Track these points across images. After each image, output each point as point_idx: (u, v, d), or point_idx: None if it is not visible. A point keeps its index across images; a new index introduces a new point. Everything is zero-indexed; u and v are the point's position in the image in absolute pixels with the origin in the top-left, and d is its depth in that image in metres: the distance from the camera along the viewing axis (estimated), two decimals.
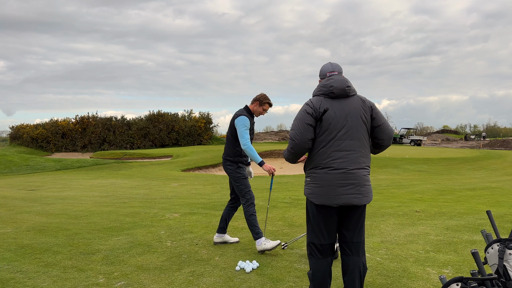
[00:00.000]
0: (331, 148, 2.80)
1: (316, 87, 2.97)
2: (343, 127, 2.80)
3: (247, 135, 4.40)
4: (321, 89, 2.89)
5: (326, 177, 2.81)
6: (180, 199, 8.72)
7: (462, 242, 4.77)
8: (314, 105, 2.82)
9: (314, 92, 2.95)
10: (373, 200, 8.28)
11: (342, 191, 2.79)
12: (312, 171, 2.88)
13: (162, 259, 4.25)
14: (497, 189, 10.38)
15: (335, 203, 2.80)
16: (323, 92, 2.88)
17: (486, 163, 20.95)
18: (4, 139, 62.68)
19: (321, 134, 2.81)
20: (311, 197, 2.88)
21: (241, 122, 4.41)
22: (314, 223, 2.92)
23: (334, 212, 2.85)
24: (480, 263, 2.33)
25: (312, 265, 2.94)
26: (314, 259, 2.93)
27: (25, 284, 3.56)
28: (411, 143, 48.66)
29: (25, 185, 13.24)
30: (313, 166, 2.87)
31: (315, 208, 2.88)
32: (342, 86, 2.84)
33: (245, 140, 4.35)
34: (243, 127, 4.39)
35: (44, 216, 6.73)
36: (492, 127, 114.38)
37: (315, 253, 2.91)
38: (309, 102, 2.88)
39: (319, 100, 2.84)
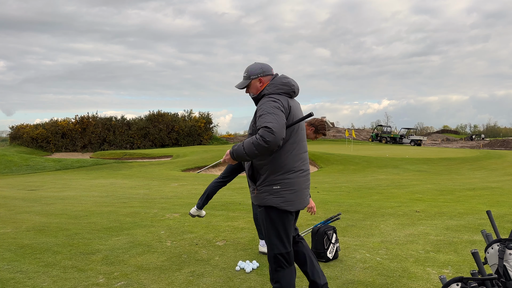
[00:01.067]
0: (300, 150, 2.78)
1: (268, 85, 2.81)
2: (300, 128, 2.82)
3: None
4: (282, 88, 2.78)
5: (298, 181, 2.76)
6: (180, 199, 8.71)
7: (462, 242, 4.77)
8: (283, 103, 2.70)
9: (271, 90, 2.77)
10: (373, 200, 8.29)
11: (306, 193, 2.86)
12: (284, 177, 2.71)
13: (162, 259, 4.25)
14: (497, 189, 10.38)
15: (304, 205, 2.86)
16: (284, 90, 2.78)
17: (486, 163, 20.95)
18: (4, 139, 62.65)
19: (291, 135, 2.74)
20: (284, 206, 2.73)
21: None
22: (282, 232, 2.78)
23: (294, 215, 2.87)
24: (480, 263, 2.33)
25: (282, 277, 2.79)
26: (284, 271, 2.79)
27: (25, 284, 3.56)
28: (411, 143, 48.67)
29: (25, 185, 13.24)
30: (285, 171, 2.71)
31: (285, 216, 2.77)
32: (298, 87, 2.88)
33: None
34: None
35: (44, 216, 6.73)
36: (492, 127, 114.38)
37: (284, 263, 2.78)
38: (276, 99, 2.70)
39: (284, 98, 2.74)
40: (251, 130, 2.83)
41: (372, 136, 55.06)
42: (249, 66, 2.89)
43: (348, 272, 3.81)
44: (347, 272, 3.80)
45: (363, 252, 4.41)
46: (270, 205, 2.73)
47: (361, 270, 3.86)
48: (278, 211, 2.75)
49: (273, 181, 2.71)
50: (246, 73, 2.88)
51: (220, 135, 60.10)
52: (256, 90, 2.87)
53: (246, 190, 10.66)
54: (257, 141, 2.52)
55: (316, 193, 9.79)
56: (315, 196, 8.92)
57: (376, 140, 53.42)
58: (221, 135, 62.03)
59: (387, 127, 58.15)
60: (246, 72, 2.89)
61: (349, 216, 6.45)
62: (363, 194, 9.44)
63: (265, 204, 2.74)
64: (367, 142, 52.92)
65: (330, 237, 4.15)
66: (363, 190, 10.37)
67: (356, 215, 6.50)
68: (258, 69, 2.85)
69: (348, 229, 5.51)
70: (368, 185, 11.93)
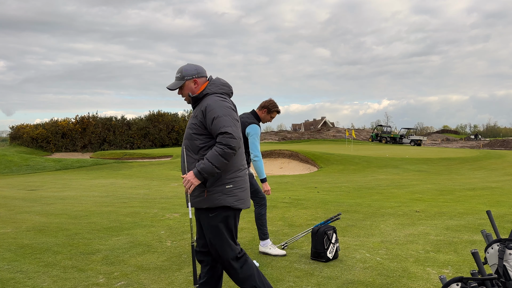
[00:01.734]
0: (242, 147, 2.79)
1: (209, 84, 2.77)
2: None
3: (259, 146, 4.26)
4: (223, 88, 2.80)
5: (245, 179, 2.78)
6: (180, 199, 8.71)
7: (462, 242, 4.77)
8: (230, 101, 2.76)
9: (214, 89, 2.75)
10: (373, 200, 8.29)
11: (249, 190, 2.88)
12: (235, 175, 2.70)
13: (162, 259, 4.25)
14: (497, 189, 10.39)
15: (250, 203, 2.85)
16: (225, 91, 2.80)
17: (486, 163, 20.94)
18: (4, 139, 62.69)
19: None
20: (238, 204, 2.70)
21: (254, 131, 4.26)
22: (234, 232, 2.75)
23: None
24: (480, 263, 2.33)
25: (248, 269, 2.72)
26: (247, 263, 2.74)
27: (25, 284, 3.56)
28: (411, 143, 48.66)
29: (25, 185, 13.24)
30: (236, 169, 2.71)
31: (237, 215, 2.75)
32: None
33: (258, 152, 4.22)
34: (256, 136, 4.25)
35: (44, 216, 6.73)
36: (492, 127, 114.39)
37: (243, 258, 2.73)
38: (223, 98, 2.73)
39: (228, 98, 2.78)
40: (193, 130, 2.70)
41: (372, 136, 55.06)
42: (183, 67, 2.80)
43: (348, 272, 3.81)
44: (347, 272, 3.80)
45: (363, 252, 4.41)
46: (224, 205, 2.66)
47: (361, 270, 3.86)
48: (231, 211, 2.70)
49: (226, 180, 2.67)
50: (179, 73, 2.79)
51: None
52: (190, 91, 2.79)
53: None
54: (223, 150, 2.53)
55: (316, 193, 9.79)
56: (315, 196, 8.92)
57: (376, 140, 53.41)
58: None
59: (387, 127, 58.14)
60: (179, 72, 2.79)
61: (349, 216, 6.45)
62: (363, 194, 9.44)
63: (219, 204, 2.65)
64: (367, 142, 52.92)
65: (330, 237, 4.15)
66: (363, 190, 10.37)
67: (356, 215, 6.50)
68: (192, 70, 2.78)
69: (348, 229, 5.51)
70: (368, 185, 11.93)
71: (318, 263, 4.06)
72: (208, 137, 2.67)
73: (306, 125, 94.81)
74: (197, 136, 2.68)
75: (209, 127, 2.63)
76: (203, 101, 2.71)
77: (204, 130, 2.67)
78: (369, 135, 59.57)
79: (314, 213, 6.74)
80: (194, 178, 2.56)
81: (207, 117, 2.63)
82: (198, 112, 2.71)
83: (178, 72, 2.81)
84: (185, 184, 2.57)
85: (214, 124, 2.59)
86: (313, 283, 3.53)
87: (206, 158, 2.55)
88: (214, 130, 2.60)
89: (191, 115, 2.82)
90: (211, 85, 2.77)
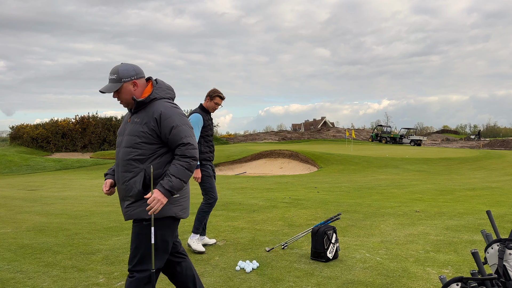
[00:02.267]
0: None
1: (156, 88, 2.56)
2: None
3: (197, 135, 4.46)
4: (170, 93, 2.63)
5: (189, 187, 2.67)
6: None
7: (462, 242, 4.77)
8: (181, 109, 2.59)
9: (162, 94, 2.56)
10: (373, 200, 8.29)
11: None
12: None
13: None
14: (497, 189, 10.39)
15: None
16: (171, 96, 2.64)
17: (486, 163, 20.94)
18: (4, 139, 62.71)
19: None
20: (182, 214, 2.58)
21: (195, 121, 4.49)
22: (170, 243, 2.59)
23: None
24: (480, 263, 2.33)
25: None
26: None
27: (25, 284, 3.56)
28: (411, 143, 48.66)
29: (25, 185, 13.25)
30: None
31: (177, 225, 2.61)
32: None
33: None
34: (196, 126, 4.48)
35: (44, 216, 6.73)
36: (492, 127, 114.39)
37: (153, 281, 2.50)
38: (175, 105, 2.57)
39: (177, 105, 2.60)
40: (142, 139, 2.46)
41: (372, 136, 55.06)
42: (119, 67, 2.51)
43: (348, 272, 3.81)
44: (347, 272, 3.80)
45: (363, 252, 4.41)
46: (169, 215, 2.51)
47: (361, 270, 3.86)
48: (173, 221, 2.57)
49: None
50: (115, 75, 2.50)
51: (220, 135, 60.12)
52: (129, 94, 2.51)
53: (246, 190, 10.67)
54: (189, 163, 2.44)
55: (316, 193, 9.79)
56: (315, 196, 8.92)
57: (376, 140, 53.40)
58: (221, 135, 62.05)
59: (387, 127, 58.12)
60: (115, 74, 2.50)
61: (349, 216, 6.45)
62: (363, 194, 9.44)
63: (164, 215, 2.48)
64: (367, 142, 52.91)
65: (330, 237, 4.15)
66: (363, 190, 10.37)
67: (356, 215, 6.50)
68: (131, 71, 2.51)
69: (348, 229, 5.51)
70: (368, 185, 11.93)
71: (318, 263, 4.06)
72: (160, 145, 2.49)
73: (306, 125, 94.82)
74: (147, 145, 2.47)
75: (165, 137, 2.46)
76: (151, 107, 2.50)
77: (156, 139, 2.48)
78: (369, 135, 59.58)
79: (314, 213, 6.75)
80: (163, 197, 2.38)
81: (163, 125, 2.45)
82: (147, 118, 2.47)
83: (113, 73, 2.51)
84: (154, 204, 2.36)
85: (174, 134, 2.44)
86: (313, 283, 3.53)
87: (171, 174, 2.40)
88: (174, 141, 2.45)
89: (131, 120, 2.55)
90: (157, 89, 2.57)
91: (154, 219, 2.46)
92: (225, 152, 27.76)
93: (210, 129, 4.61)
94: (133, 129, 2.51)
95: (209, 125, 4.61)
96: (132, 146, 2.49)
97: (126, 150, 2.52)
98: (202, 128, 4.52)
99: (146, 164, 2.47)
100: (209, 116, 4.66)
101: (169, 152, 2.53)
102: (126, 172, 2.50)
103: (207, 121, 4.56)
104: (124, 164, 2.52)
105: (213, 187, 4.62)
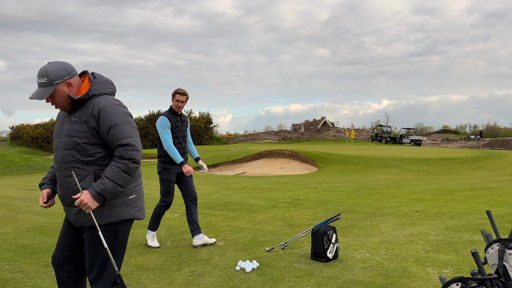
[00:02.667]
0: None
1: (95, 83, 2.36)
2: None
3: (168, 136, 4.48)
4: (110, 87, 2.44)
5: (142, 187, 2.53)
6: (180, 199, 8.71)
7: (462, 242, 4.77)
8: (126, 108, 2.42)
9: (102, 90, 2.37)
10: (373, 200, 8.29)
11: None
12: (136, 184, 2.44)
13: (162, 259, 4.25)
14: (497, 189, 10.39)
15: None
16: (111, 90, 2.45)
17: (486, 163, 20.94)
18: (4, 139, 62.71)
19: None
20: (139, 215, 2.46)
21: (159, 123, 4.51)
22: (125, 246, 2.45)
23: None
24: (480, 263, 2.33)
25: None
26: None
27: (25, 284, 3.57)
28: (411, 143, 48.66)
29: (25, 185, 13.25)
30: (137, 177, 2.45)
31: (131, 225, 2.47)
32: None
33: (166, 142, 4.48)
34: (161, 128, 4.49)
35: (44, 216, 6.73)
36: (492, 127, 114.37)
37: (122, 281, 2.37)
38: (118, 102, 2.37)
39: (123, 103, 2.43)
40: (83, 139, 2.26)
41: (372, 136, 55.07)
42: (48, 68, 2.23)
43: (348, 272, 3.81)
44: (347, 272, 3.80)
45: (363, 252, 4.41)
46: (127, 218, 2.38)
47: (361, 270, 3.86)
48: (130, 223, 2.43)
49: (129, 191, 2.38)
50: (45, 78, 2.22)
51: (220, 135, 60.17)
52: (64, 97, 2.27)
53: (246, 190, 10.68)
54: (127, 166, 2.24)
55: (316, 193, 9.79)
56: (315, 196, 8.92)
57: (376, 140, 53.42)
58: (221, 135, 62.09)
59: (387, 127, 58.13)
60: (44, 77, 2.22)
61: (349, 216, 6.45)
62: (363, 194, 9.44)
63: (122, 218, 2.35)
64: (367, 142, 52.92)
65: (330, 237, 4.15)
66: (363, 190, 10.37)
67: (356, 215, 6.50)
68: (62, 71, 2.26)
69: (348, 229, 5.51)
70: (368, 185, 11.93)
71: (318, 263, 4.06)
72: (103, 145, 2.31)
73: (306, 125, 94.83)
74: (89, 146, 2.27)
75: (104, 136, 2.27)
76: (90, 104, 2.29)
77: (98, 139, 2.29)
78: (369, 135, 59.59)
79: (314, 213, 6.75)
80: (93, 201, 2.18)
81: (102, 124, 2.25)
82: (85, 116, 2.27)
83: (42, 76, 2.23)
84: (81, 206, 2.18)
85: (112, 134, 2.25)
86: (313, 283, 3.53)
87: (106, 176, 2.21)
88: (112, 141, 2.26)
89: (69, 120, 2.33)
90: (96, 84, 2.35)
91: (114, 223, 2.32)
92: (225, 152, 27.77)
93: (179, 131, 4.61)
94: (72, 129, 2.29)
95: (178, 126, 4.60)
96: (74, 148, 2.27)
97: (67, 153, 2.29)
98: (170, 130, 4.53)
99: (94, 166, 2.29)
100: (179, 117, 4.65)
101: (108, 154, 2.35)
102: (70, 177, 2.29)
103: (174, 122, 4.56)
104: (66, 168, 2.30)
105: (169, 192, 4.66)
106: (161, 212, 4.74)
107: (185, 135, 4.74)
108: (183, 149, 4.68)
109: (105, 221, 2.30)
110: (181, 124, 4.65)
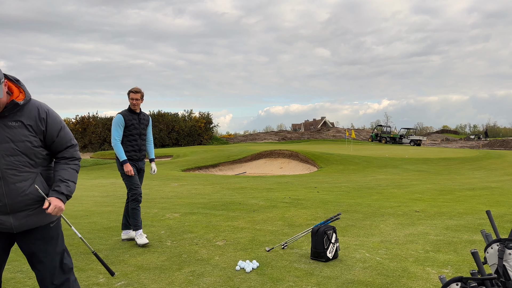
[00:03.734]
0: None
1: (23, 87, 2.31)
2: None
3: (116, 134, 4.72)
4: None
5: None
6: (180, 199, 8.72)
7: (462, 242, 4.78)
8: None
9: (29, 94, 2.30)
10: (373, 200, 8.29)
11: None
12: None
13: (162, 259, 4.25)
14: (497, 189, 10.39)
15: None
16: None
17: (486, 163, 20.95)
18: None
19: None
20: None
21: (113, 121, 4.78)
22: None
23: None
24: (479, 263, 2.34)
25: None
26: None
27: (25, 284, 3.57)
28: (411, 143, 48.65)
29: None
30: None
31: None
32: None
33: (113, 139, 4.75)
34: (114, 125, 4.75)
35: None
36: (492, 127, 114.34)
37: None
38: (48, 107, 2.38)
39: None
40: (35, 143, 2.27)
41: (372, 136, 55.06)
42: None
43: (348, 271, 3.82)
44: (347, 272, 3.80)
45: (363, 252, 4.41)
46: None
47: (361, 270, 3.86)
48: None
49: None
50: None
51: (220, 135, 60.15)
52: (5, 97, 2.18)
53: (246, 190, 10.67)
54: (79, 165, 2.45)
55: (316, 193, 9.79)
56: (315, 196, 8.92)
57: (376, 140, 53.41)
58: (221, 135, 62.08)
59: (387, 127, 58.13)
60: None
61: (349, 216, 6.45)
62: (363, 194, 9.44)
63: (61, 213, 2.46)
64: (367, 142, 52.91)
65: (330, 236, 4.16)
66: (363, 190, 10.37)
67: (356, 215, 6.50)
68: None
69: (348, 229, 5.51)
70: (368, 185, 11.93)
71: (318, 263, 4.07)
72: (46, 147, 2.38)
73: (306, 125, 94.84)
74: (39, 149, 2.31)
75: (52, 139, 2.34)
76: (29, 107, 2.27)
77: (42, 142, 2.33)
78: (369, 135, 59.60)
79: (314, 213, 6.75)
80: (63, 204, 2.33)
81: (51, 127, 2.31)
82: (30, 120, 2.25)
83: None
84: (56, 212, 2.29)
85: (61, 136, 2.36)
86: (313, 283, 3.54)
87: (66, 179, 2.35)
88: (61, 143, 2.37)
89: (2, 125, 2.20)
90: (24, 87, 2.32)
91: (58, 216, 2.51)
92: (225, 152, 27.77)
93: (134, 128, 4.82)
94: (17, 134, 2.22)
95: (133, 124, 4.81)
96: (24, 152, 2.24)
97: (14, 159, 2.22)
98: (125, 128, 4.76)
99: (39, 168, 2.35)
100: (137, 115, 4.86)
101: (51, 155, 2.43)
102: (20, 183, 2.25)
103: (130, 120, 4.77)
104: (13, 174, 2.23)
105: (134, 183, 4.83)
106: (136, 207, 4.84)
107: (143, 133, 4.93)
108: (139, 146, 4.90)
109: (51, 220, 2.43)
110: (138, 122, 4.85)
